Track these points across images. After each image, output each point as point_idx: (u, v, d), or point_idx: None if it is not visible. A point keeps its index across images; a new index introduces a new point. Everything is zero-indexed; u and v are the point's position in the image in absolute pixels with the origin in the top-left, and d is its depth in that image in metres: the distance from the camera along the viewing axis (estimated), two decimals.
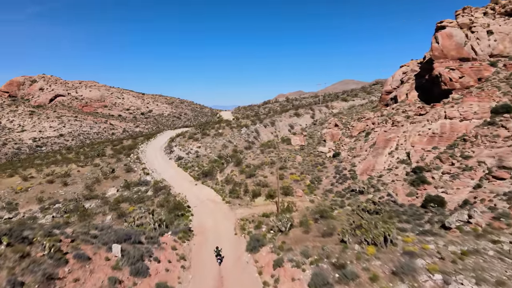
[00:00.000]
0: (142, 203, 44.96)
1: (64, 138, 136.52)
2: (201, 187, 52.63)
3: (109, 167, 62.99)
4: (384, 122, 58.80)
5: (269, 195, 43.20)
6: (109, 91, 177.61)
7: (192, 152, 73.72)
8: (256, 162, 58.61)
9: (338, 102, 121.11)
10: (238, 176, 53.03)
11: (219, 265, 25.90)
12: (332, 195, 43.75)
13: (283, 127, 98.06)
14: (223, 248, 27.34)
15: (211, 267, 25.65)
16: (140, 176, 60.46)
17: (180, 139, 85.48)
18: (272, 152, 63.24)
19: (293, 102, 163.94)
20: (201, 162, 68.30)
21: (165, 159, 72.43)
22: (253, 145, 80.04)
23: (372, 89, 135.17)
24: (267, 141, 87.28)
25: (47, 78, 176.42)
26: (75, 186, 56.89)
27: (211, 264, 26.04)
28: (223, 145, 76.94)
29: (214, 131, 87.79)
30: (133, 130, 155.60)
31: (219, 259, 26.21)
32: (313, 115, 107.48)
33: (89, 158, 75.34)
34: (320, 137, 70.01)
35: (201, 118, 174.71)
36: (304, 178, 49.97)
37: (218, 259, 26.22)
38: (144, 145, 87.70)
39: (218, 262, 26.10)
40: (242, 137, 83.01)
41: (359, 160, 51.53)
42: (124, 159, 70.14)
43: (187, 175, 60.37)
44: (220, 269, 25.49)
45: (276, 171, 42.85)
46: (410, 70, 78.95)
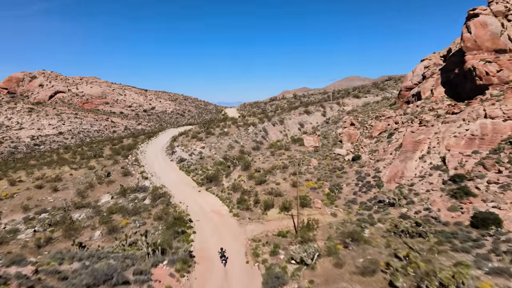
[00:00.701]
0: (138, 215, 39.24)
1: (64, 136, 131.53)
2: (205, 194, 46.83)
3: (104, 171, 57.41)
4: (410, 122, 52.45)
5: (283, 206, 37.25)
6: (110, 88, 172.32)
7: (196, 153, 67.97)
8: (266, 165, 52.66)
9: (350, 99, 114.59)
10: (247, 182, 47.14)
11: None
12: (356, 207, 37.66)
13: (293, 126, 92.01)
14: (233, 285, 21.53)
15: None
16: (138, 181, 54.85)
17: (182, 139, 79.79)
18: (284, 154, 57.22)
19: (301, 99, 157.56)
20: (205, 164, 62.54)
21: (166, 160, 66.75)
22: (261, 146, 74.10)
23: (385, 85, 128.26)
24: (276, 141, 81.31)
25: (47, 74, 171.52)
26: (65, 192, 51.39)
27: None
28: (229, 146, 71.10)
29: (219, 130, 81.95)
30: (135, 128, 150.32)
31: (224, 261, 26.32)
32: (324, 112, 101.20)
33: (84, 160, 69.94)
34: (335, 138, 63.80)
35: (205, 115, 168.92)
36: (322, 186, 43.93)
37: (223, 260, 26.41)
38: (144, 145, 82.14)
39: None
40: (249, 136, 77.07)
41: (383, 164, 45.33)
42: (121, 161, 64.54)
43: (189, 180, 54.62)
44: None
45: (297, 182, 36.81)
46: (433, 64, 72.27)
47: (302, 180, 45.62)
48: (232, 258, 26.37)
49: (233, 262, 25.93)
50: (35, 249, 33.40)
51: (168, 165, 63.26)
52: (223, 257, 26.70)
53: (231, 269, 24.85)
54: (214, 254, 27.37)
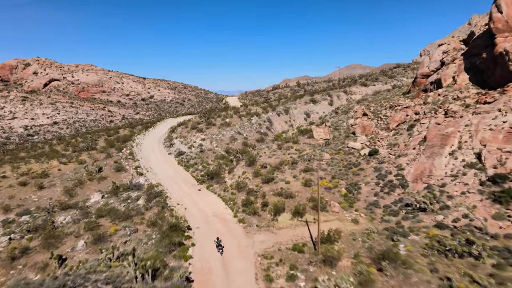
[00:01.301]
0: (129, 220, 34.33)
1: (58, 126, 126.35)
2: (206, 194, 41.93)
3: (96, 165, 52.44)
4: (433, 112, 47.12)
5: (296, 211, 32.31)
6: (107, 75, 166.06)
7: (196, 145, 62.87)
8: (273, 161, 47.61)
9: (357, 87, 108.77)
10: (252, 180, 42.16)
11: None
12: (380, 212, 32.70)
13: (298, 116, 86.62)
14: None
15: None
16: (132, 177, 49.97)
17: (181, 130, 74.64)
18: (292, 147, 52.09)
19: (305, 87, 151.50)
20: (205, 158, 57.52)
21: (164, 154, 61.70)
22: (266, 137, 68.95)
23: (394, 73, 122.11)
24: (281, 132, 76.10)
25: (41, 61, 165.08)
26: (52, 190, 46.55)
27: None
28: (231, 137, 65.94)
29: (220, 120, 76.68)
30: (132, 117, 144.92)
31: (220, 249, 26.77)
32: (331, 101, 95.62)
33: (76, 153, 64.99)
34: (347, 129, 58.56)
35: (205, 104, 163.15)
36: (337, 185, 38.93)
37: (220, 249, 26.80)
38: (141, 136, 77.04)
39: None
40: (253, 127, 71.84)
41: (406, 161, 40.22)
42: (115, 154, 59.50)
43: (188, 176, 49.69)
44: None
45: (315, 186, 31.90)
46: (453, 49, 66.39)
47: (314, 178, 40.62)
48: (239, 283, 21.52)
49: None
50: (8, 262, 28.68)
51: (165, 159, 58.26)
52: (220, 246, 27.32)
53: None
54: (217, 276, 22.53)
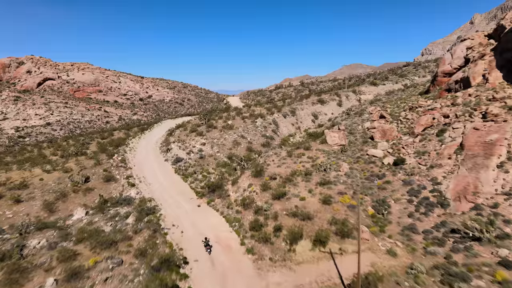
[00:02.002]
0: (114, 247, 28.28)
1: (52, 127, 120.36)
2: (207, 211, 35.93)
3: (82, 175, 46.44)
4: (468, 115, 41.11)
5: (317, 239, 26.31)
6: (104, 74, 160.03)
7: (195, 151, 56.87)
8: (284, 170, 41.61)
9: (366, 87, 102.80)
10: (260, 194, 36.14)
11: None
12: (420, 239, 26.66)
13: (306, 117, 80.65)
14: None
15: None
16: (122, 188, 44.00)
17: (180, 133, 68.65)
18: (303, 155, 46.07)
19: (309, 87, 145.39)
20: (206, 166, 51.54)
21: (160, 160, 55.71)
22: (272, 141, 62.95)
23: (405, 71, 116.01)
24: (288, 135, 70.11)
25: (35, 59, 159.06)
26: (30, 205, 40.55)
27: None
28: (234, 142, 59.95)
29: (222, 122, 70.70)
30: (130, 118, 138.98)
31: (208, 249, 26.96)
32: (340, 102, 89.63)
33: (63, 158, 59.04)
34: (363, 134, 52.52)
35: (206, 104, 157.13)
36: (361, 202, 32.91)
37: (208, 249, 26.95)
38: (135, 140, 71.06)
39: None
40: (257, 130, 65.80)
41: (442, 173, 34.20)
42: (105, 161, 53.47)
43: (186, 188, 43.71)
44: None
45: (357, 217, 25.97)
46: (478, 44, 60.28)
47: (333, 192, 34.63)
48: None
49: None
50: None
51: (161, 167, 52.26)
52: (208, 246, 27.17)
53: None
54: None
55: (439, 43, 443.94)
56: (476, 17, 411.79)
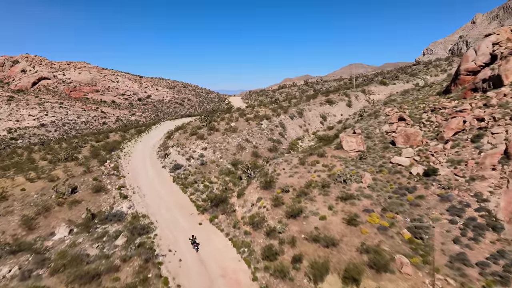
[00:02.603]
0: (95, 283, 23.12)
1: (46, 128, 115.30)
2: (209, 231, 30.79)
3: (68, 184, 41.32)
4: (509, 118, 35.99)
5: (348, 275, 21.12)
6: (101, 74, 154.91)
7: (195, 156, 51.75)
8: (296, 181, 36.48)
9: (376, 86, 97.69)
10: (272, 211, 31.02)
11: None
12: (476, 275, 21.49)
13: (314, 119, 75.52)
14: None
15: None
16: (113, 201, 38.87)
17: (179, 135, 63.54)
18: (318, 162, 40.88)
19: (314, 86, 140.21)
20: (207, 173, 46.41)
21: (157, 167, 50.57)
22: (279, 146, 57.77)
23: (415, 70, 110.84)
24: (296, 139, 65.00)
25: (30, 58, 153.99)
26: (7, 220, 35.39)
27: None
28: (238, 146, 54.79)
29: (224, 124, 65.57)
30: (128, 119, 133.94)
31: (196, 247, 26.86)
32: (349, 102, 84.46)
33: (51, 164, 53.97)
34: (382, 138, 47.36)
35: (207, 104, 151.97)
36: (393, 222, 27.72)
37: (195, 246, 26.85)
38: (131, 144, 65.94)
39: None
40: (263, 133, 60.62)
41: (487, 187, 29.07)
42: (96, 168, 48.32)
43: (186, 200, 38.57)
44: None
45: (432, 274, 20.78)
46: (506, 40, 55.11)
47: (358, 209, 29.52)
48: None
49: None
50: None
51: (158, 175, 47.12)
52: (195, 244, 27.04)
53: None
54: None
55: (440, 43, 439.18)
56: (477, 16, 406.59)
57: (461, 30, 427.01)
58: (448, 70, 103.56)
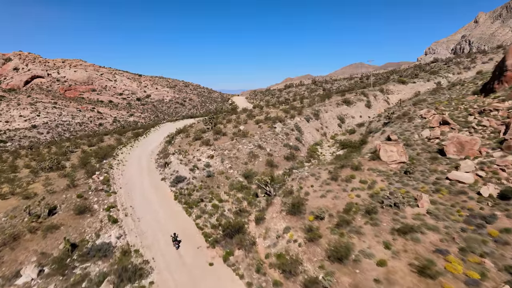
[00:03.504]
0: None
1: (38, 130, 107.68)
2: (223, 277, 22.93)
3: (46, 204, 33.54)
4: None
5: None
6: (98, 72, 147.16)
7: (200, 166, 43.96)
8: (331, 203, 28.69)
9: (395, 85, 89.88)
10: (307, 248, 23.22)
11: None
12: None
13: (331, 121, 67.71)
14: None
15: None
16: (100, 226, 31.08)
17: (181, 140, 55.84)
18: (354, 177, 33.02)
19: (323, 85, 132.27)
20: (216, 188, 38.61)
21: (155, 179, 42.76)
22: (297, 153, 49.93)
23: (434, 68, 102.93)
24: (314, 144, 57.17)
25: (23, 56, 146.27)
26: None
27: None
28: (250, 154, 46.99)
29: (232, 128, 57.85)
30: (125, 120, 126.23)
31: (176, 245, 26.67)
32: (368, 103, 76.67)
33: (32, 174, 46.26)
34: (425, 146, 39.52)
35: (209, 104, 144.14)
36: (484, 272, 19.84)
37: (176, 244, 26.58)
38: (127, 149, 58.21)
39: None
40: (278, 138, 52.76)
41: None
42: (82, 181, 40.47)
43: (191, 226, 30.74)
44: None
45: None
46: None
47: (425, 249, 21.68)
48: None
49: None
50: None
51: (156, 190, 39.29)
52: (176, 241, 26.81)
53: None
54: None
55: (443, 42, 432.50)
56: (480, 16, 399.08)
57: (463, 29, 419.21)
58: (471, 67, 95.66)
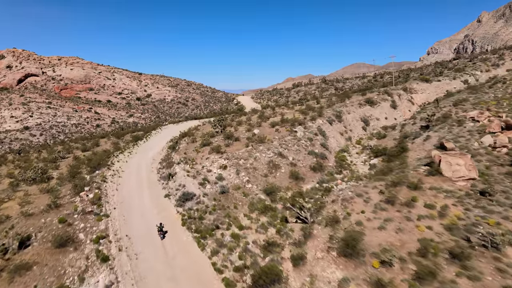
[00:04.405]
0: None
1: (30, 132, 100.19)
2: None
3: (16, 234, 25.94)
4: None
5: None
6: (96, 70, 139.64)
7: (211, 179, 36.35)
8: (396, 239, 21.16)
9: (418, 84, 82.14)
10: None
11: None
12: None
13: (354, 123, 60.08)
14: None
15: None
16: (85, 267, 23.50)
17: (186, 146, 48.31)
18: (415, 200, 25.39)
19: (335, 84, 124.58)
20: (233, 210, 31.01)
21: (157, 196, 35.14)
22: (325, 162, 42.28)
23: (459, 65, 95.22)
24: (340, 151, 49.52)
25: (17, 53, 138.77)
26: None
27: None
28: (270, 164, 39.39)
29: (245, 131, 50.40)
30: (125, 121, 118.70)
31: (162, 235, 26.40)
32: (393, 103, 69.03)
33: (11, 187, 38.68)
34: (491, 155, 32.00)
35: (213, 104, 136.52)
36: None
37: (161, 234, 26.36)
38: (125, 156, 50.67)
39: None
40: (300, 144, 45.09)
41: None
42: (68, 199, 32.84)
43: (206, 269, 23.09)
44: None
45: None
46: None
47: None
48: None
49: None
50: None
51: (158, 211, 31.67)
52: (161, 232, 26.43)
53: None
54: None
55: (445, 42, 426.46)
56: (483, 15, 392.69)
57: (466, 29, 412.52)
58: (500, 64, 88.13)
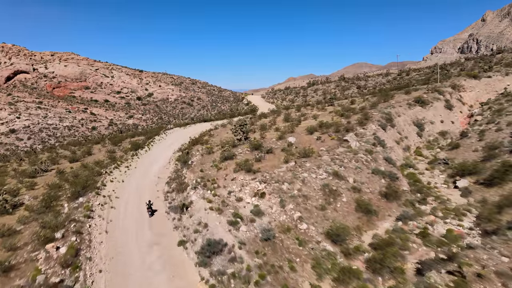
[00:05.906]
0: None
1: (17, 135, 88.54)
2: None
3: None
4: None
5: None
6: (92, 67, 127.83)
7: (246, 216, 24.44)
8: None
9: (466, 80, 70.32)
10: None
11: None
12: None
13: (408, 129, 48.26)
14: None
15: None
16: None
17: (201, 159, 36.51)
18: None
19: (356, 83, 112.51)
20: (290, 276, 18.99)
21: (166, 243, 23.19)
22: (397, 185, 30.30)
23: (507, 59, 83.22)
24: (405, 166, 37.52)
25: (6, 48, 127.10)
26: None
27: None
28: (324, 189, 27.48)
29: (275, 139, 38.68)
30: (123, 123, 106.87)
31: (150, 212, 26.45)
32: (447, 103, 57.18)
33: None
34: None
35: (221, 104, 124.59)
36: None
37: (149, 211, 26.45)
38: (121, 172, 38.76)
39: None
40: (358, 159, 33.11)
41: None
42: (26, 257, 20.93)
43: None
44: None
45: None
46: None
47: None
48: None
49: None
50: None
51: (168, 276, 19.75)
52: (150, 209, 26.48)
53: None
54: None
55: (449, 41, 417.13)
56: (488, 14, 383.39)
57: (470, 28, 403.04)
58: None
